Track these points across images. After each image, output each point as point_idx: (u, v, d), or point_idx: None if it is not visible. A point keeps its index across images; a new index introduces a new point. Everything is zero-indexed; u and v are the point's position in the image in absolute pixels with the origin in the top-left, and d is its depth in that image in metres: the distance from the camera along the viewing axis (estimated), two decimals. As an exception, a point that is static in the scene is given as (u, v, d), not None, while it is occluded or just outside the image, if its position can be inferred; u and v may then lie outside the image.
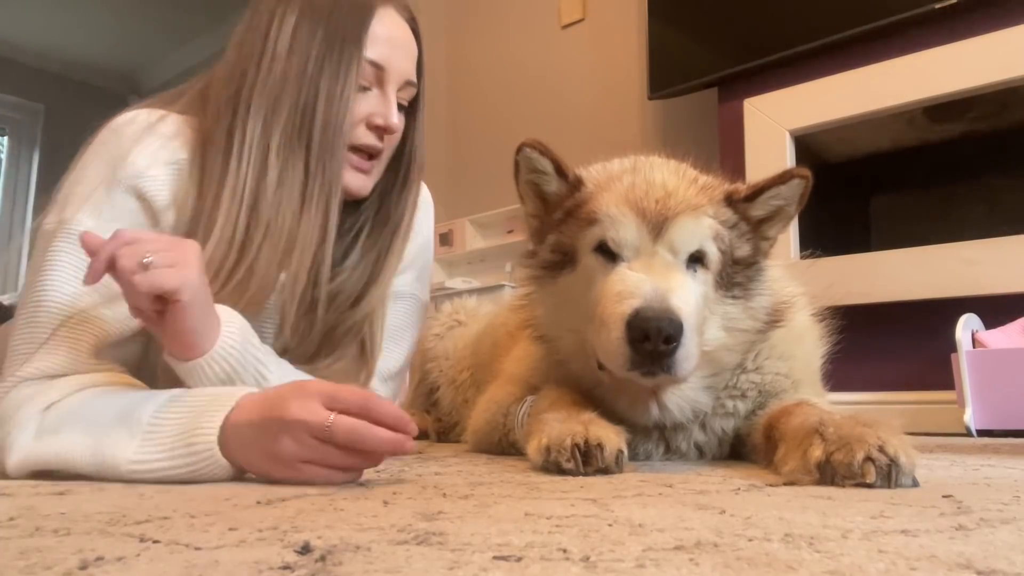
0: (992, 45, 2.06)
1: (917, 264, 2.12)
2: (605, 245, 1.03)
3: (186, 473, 0.85)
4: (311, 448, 0.81)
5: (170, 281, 0.87)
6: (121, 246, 0.88)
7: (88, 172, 1.10)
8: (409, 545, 0.48)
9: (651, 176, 1.07)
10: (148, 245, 0.89)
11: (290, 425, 0.80)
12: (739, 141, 2.51)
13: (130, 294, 0.89)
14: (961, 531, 0.54)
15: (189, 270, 0.90)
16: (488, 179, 3.70)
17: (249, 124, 1.13)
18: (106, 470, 0.87)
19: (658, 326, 0.90)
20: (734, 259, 1.07)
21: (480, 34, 3.84)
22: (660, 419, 1.09)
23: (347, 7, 1.18)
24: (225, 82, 1.17)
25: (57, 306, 1.01)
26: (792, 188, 1.09)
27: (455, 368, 1.85)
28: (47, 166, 6.27)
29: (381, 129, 1.21)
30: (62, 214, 1.06)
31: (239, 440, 0.84)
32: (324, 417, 0.80)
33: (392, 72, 1.21)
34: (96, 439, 0.88)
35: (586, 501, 0.68)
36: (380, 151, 1.23)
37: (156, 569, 0.41)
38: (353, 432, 0.80)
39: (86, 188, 1.08)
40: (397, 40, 1.22)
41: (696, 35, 2.73)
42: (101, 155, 1.11)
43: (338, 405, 0.81)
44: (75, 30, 5.95)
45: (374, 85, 1.21)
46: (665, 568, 0.42)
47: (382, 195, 1.32)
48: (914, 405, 2.19)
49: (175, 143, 1.14)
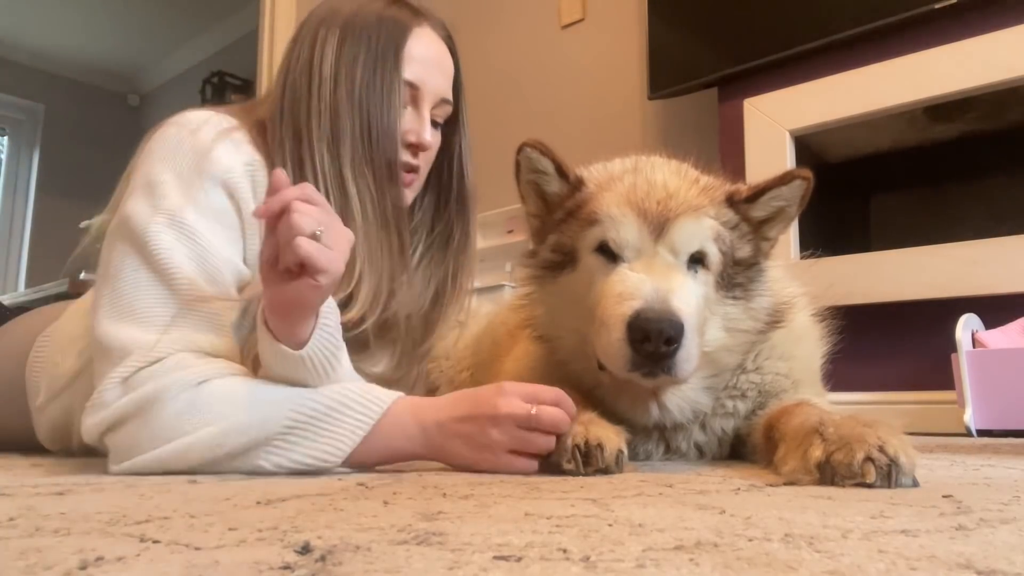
0: (992, 45, 2.06)
1: (917, 264, 2.12)
2: (606, 245, 1.03)
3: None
4: (517, 438, 0.94)
5: (325, 261, 0.86)
6: (303, 200, 0.87)
7: (174, 162, 1.07)
8: (409, 545, 0.48)
9: (652, 176, 1.07)
10: (323, 216, 0.88)
11: (500, 419, 0.94)
12: (739, 141, 2.50)
13: (285, 248, 0.86)
14: (961, 531, 0.54)
15: (340, 260, 0.90)
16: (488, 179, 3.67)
17: (316, 152, 1.14)
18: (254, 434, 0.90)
19: (659, 327, 0.90)
20: (735, 260, 1.07)
21: (480, 34, 3.84)
22: (660, 419, 1.09)
23: (385, 27, 1.20)
24: (279, 108, 1.18)
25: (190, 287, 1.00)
26: (793, 189, 1.09)
27: (455, 368, 1.85)
28: (47, 166, 6.28)
29: (415, 146, 1.23)
30: (156, 200, 1.03)
31: (446, 433, 0.96)
32: (527, 409, 0.93)
33: (426, 91, 1.23)
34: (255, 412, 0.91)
35: (586, 501, 0.68)
36: (417, 168, 1.25)
37: (156, 569, 0.41)
38: (554, 419, 0.94)
39: (178, 177, 1.06)
40: (432, 59, 1.24)
41: (696, 35, 2.73)
42: (183, 147, 1.09)
43: (536, 400, 0.95)
44: (75, 30, 5.95)
45: (409, 104, 1.22)
46: (665, 568, 0.42)
47: (436, 217, 1.34)
48: (914, 405, 2.19)
49: (249, 147, 1.14)
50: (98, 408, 0.94)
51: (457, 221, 1.35)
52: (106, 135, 6.08)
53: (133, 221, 1.03)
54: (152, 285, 1.00)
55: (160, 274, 1.00)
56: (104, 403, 0.93)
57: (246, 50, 4.82)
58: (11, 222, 6.23)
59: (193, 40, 6.11)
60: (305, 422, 0.92)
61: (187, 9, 5.67)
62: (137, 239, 1.01)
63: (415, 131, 1.22)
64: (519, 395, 0.95)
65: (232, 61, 5.73)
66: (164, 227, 1.02)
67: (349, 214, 1.12)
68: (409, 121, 1.22)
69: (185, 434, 0.90)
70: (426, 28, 1.25)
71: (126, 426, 0.92)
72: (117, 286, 1.01)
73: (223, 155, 1.09)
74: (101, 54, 6.34)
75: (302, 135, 1.15)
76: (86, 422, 0.95)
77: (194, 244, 1.02)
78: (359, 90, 1.16)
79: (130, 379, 0.94)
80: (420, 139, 1.22)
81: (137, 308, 0.99)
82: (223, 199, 1.08)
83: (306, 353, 0.93)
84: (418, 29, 1.23)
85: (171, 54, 6.35)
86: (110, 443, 0.94)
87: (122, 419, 0.92)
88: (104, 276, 1.04)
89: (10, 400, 1.31)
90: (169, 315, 0.98)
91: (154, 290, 0.99)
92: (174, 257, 1.00)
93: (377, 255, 1.16)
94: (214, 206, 1.07)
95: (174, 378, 0.92)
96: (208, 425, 0.90)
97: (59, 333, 1.27)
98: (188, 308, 0.99)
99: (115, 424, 0.93)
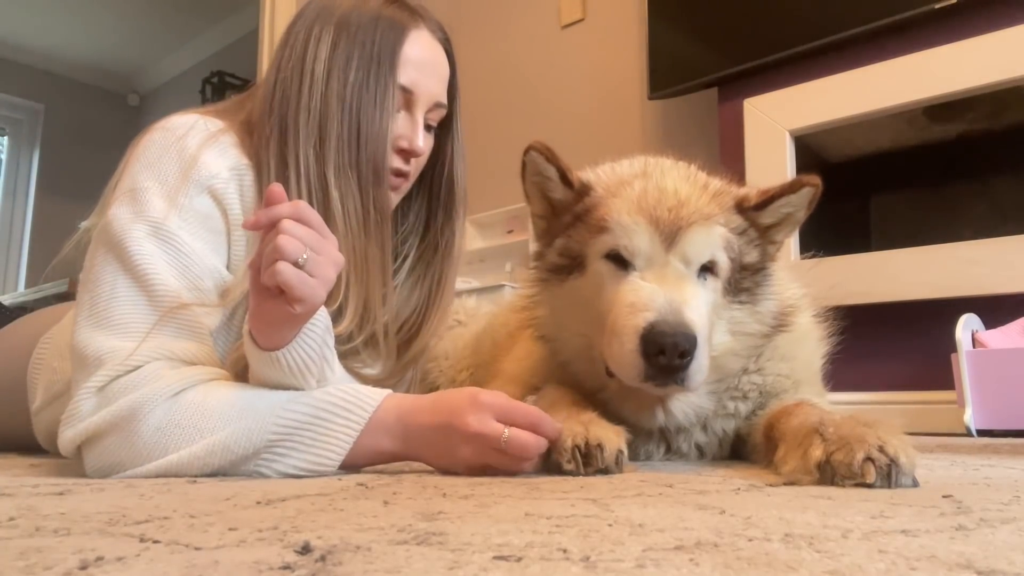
0: (992, 45, 2.06)
1: (917, 264, 2.12)
2: (617, 253, 1.02)
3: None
4: (486, 456, 0.91)
5: (303, 292, 0.85)
6: (295, 218, 0.85)
7: (157, 169, 1.06)
8: (409, 545, 0.48)
9: (663, 182, 1.06)
10: (312, 239, 0.86)
11: (471, 438, 0.90)
12: (739, 141, 2.50)
13: (266, 268, 0.85)
14: (961, 531, 0.54)
15: (322, 290, 0.88)
16: (488, 179, 3.69)
17: (301, 150, 1.12)
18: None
19: (674, 341, 0.90)
20: (742, 265, 1.07)
21: (480, 34, 3.84)
22: (665, 424, 1.10)
23: (381, 28, 1.17)
24: (267, 105, 1.16)
25: (168, 294, 0.98)
26: (802, 196, 1.08)
27: (455, 368, 1.85)
28: (47, 166, 6.28)
29: (407, 152, 1.21)
30: (138, 207, 1.02)
31: (422, 440, 0.94)
32: (499, 431, 0.89)
33: (421, 96, 1.21)
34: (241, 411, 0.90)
35: (586, 501, 0.68)
36: (407, 174, 1.23)
37: (156, 569, 0.41)
38: (524, 447, 0.90)
39: (161, 184, 1.05)
40: (428, 63, 1.22)
41: (696, 35, 2.73)
42: (168, 153, 1.08)
43: (509, 419, 0.90)
44: (75, 30, 5.95)
45: (402, 108, 1.20)
46: (665, 568, 0.42)
47: (427, 222, 1.32)
48: (914, 405, 2.19)
49: (235, 151, 1.13)
50: (74, 421, 0.92)
51: (446, 226, 1.33)
52: (106, 135, 6.08)
53: (114, 228, 1.01)
54: (131, 293, 0.98)
55: (139, 282, 0.98)
56: (80, 415, 0.91)
57: (246, 50, 4.83)
58: (11, 222, 6.23)
59: (193, 40, 6.11)
60: (291, 432, 0.90)
61: (187, 9, 5.67)
62: (117, 246, 1.00)
63: (407, 137, 1.20)
64: (493, 412, 0.91)
65: (232, 61, 5.73)
66: (145, 235, 1.00)
67: (331, 218, 1.11)
68: (402, 126, 1.20)
69: (168, 452, 0.88)
70: (423, 30, 1.22)
71: (104, 442, 0.90)
72: (96, 293, 0.99)
73: (208, 161, 1.08)
74: (101, 54, 6.34)
75: (288, 134, 1.13)
76: (63, 434, 0.92)
77: (175, 252, 1.01)
78: (351, 92, 1.14)
79: (105, 388, 0.92)
80: (412, 145, 1.20)
81: (114, 316, 0.97)
82: (209, 204, 1.07)
83: (281, 355, 0.91)
84: (415, 31, 1.20)
85: (171, 54, 6.35)
86: (88, 457, 0.92)
87: (98, 434, 0.90)
88: (85, 283, 1.03)
89: (12, 401, 1.31)
90: (147, 324, 0.96)
91: (132, 298, 0.98)
92: (154, 265, 0.99)
93: (362, 264, 1.14)
94: (200, 211, 1.06)
95: (149, 390, 0.90)
96: (192, 443, 0.89)
97: (58, 337, 1.26)
98: (167, 316, 0.97)
99: (92, 438, 0.91)
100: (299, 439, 0.91)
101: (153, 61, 6.50)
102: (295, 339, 0.92)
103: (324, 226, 0.90)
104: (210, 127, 1.13)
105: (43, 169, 6.29)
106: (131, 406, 0.89)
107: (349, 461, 0.93)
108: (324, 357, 0.97)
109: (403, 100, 1.20)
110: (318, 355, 0.95)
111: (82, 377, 0.93)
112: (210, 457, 0.89)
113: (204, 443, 0.89)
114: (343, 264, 0.92)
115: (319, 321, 0.95)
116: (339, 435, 0.91)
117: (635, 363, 0.93)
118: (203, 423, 0.90)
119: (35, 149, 6.33)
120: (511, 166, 1.16)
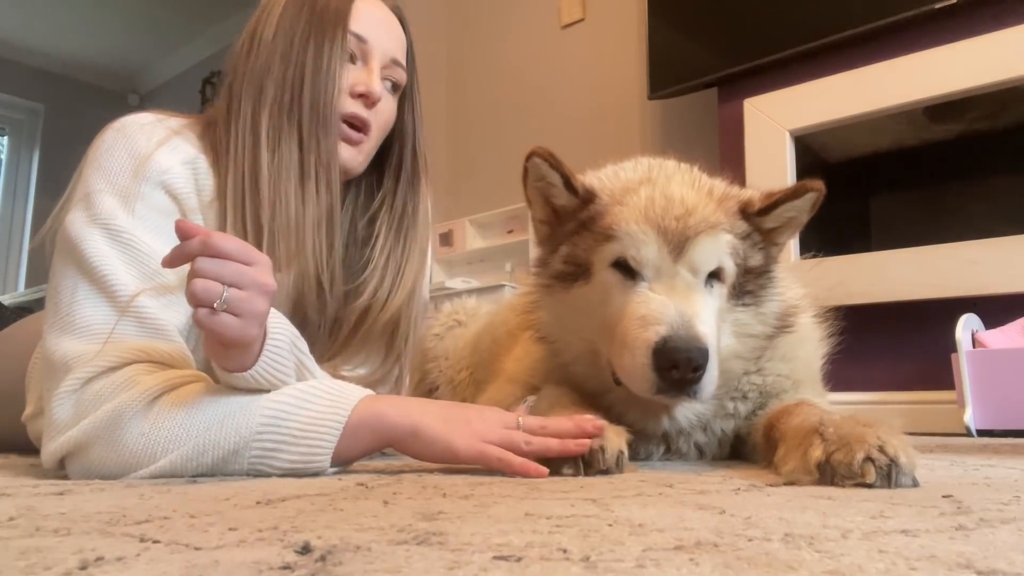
0: (992, 45, 2.06)
1: (917, 264, 2.12)
2: (624, 262, 1.02)
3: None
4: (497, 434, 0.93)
5: (229, 335, 0.82)
6: (206, 255, 0.81)
7: (108, 170, 1.06)
8: (409, 545, 0.48)
9: (668, 190, 1.05)
10: (230, 274, 0.82)
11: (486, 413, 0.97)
12: (739, 141, 2.51)
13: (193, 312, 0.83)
14: (961, 531, 0.54)
15: (252, 328, 0.84)
16: (488, 179, 3.70)
17: (242, 111, 1.14)
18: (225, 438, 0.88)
19: (688, 356, 0.90)
20: (747, 268, 1.07)
21: (480, 34, 3.84)
22: (669, 429, 1.10)
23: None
24: (224, 87, 1.19)
25: (128, 294, 0.97)
26: (806, 201, 1.08)
27: (454, 368, 1.85)
28: (47, 166, 6.28)
29: (364, 97, 1.21)
30: (92, 210, 1.02)
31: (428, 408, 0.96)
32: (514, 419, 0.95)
33: (375, 46, 1.22)
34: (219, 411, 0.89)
35: (586, 501, 0.68)
36: (367, 123, 1.23)
37: (156, 569, 0.41)
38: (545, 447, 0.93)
39: (112, 185, 1.05)
40: (381, 20, 1.25)
41: (696, 35, 2.73)
42: (119, 154, 1.08)
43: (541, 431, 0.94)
44: (75, 30, 5.95)
45: (358, 58, 1.22)
46: (665, 568, 0.42)
47: (395, 193, 1.32)
48: (914, 405, 2.19)
49: (187, 145, 1.14)
50: (54, 432, 0.90)
51: (410, 198, 1.33)
52: (106, 135, 6.07)
53: (70, 233, 1.01)
54: (90, 296, 0.97)
55: (97, 284, 0.97)
56: (58, 425, 0.90)
57: (246, 50, 4.82)
58: (11, 222, 6.23)
59: (193, 40, 6.11)
60: (279, 419, 0.89)
61: (187, 9, 5.67)
62: (74, 251, 1.00)
63: (363, 82, 1.21)
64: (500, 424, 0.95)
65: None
66: (99, 236, 1.00)
67: (258, 166, 1.11)
68: (356, 75, 1.21)
69: (157, 457, 0.88)
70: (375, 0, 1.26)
71: (89, 454, 0.89)
72: (58, 300, 0.99)
73: (160, 157, 1.08)
74: (101, 54, 6.34)
75: (231, 100, 1.15)
76: (46, 447, 0.91)
77: (131, 250, 1.00)
78: (297, 43, 1.16)
79: (79, 392, 0.90)
80: (369, 89, 1.20)
81: (77, 321, 0.96)
82: (164, 199, 1.07)
83: (249, 376, 0.89)
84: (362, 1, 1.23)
85: (171, 54, 6.35)
86: (73, 469, 0.91)
87: (81, 446, 0.89)
88: (49, 290, 1.02)
89: (12, 403, 1.31)
90: (109, 325, 0.95)
91: (93, 301, 0.97)
92: (111, 266, 0.98)
93: (294, 229, 1.12)
94: (157, 206, 1.06)
95: (127, 397, 0.89)
96: (181, 444, 0.87)
97: None
98: (129, 316, 0.96)
99: (76, 451, 0.90)
100: (290, 425, 0.89)
101: (153, 61, 6.50)
102: (259, 359, 0.89)
103: (246, 249, 0.85)
104: (165, 124, 1.13)
105: (43, 169, 6.29)
106: (111, 415, 0.88)
107: (347, 443, 0.91)
108: (301, 364, 0.96)
109: (359, 50, 1.21)
110: (288, 367, 0.93)
111: (53, 385, 0.92)
112: (201, 456, 0.88)
113: (193, 443, 0.88)
114: (275, 289, 0.87)
115: (281, 333, 0.92)
116: (331, 414, 0.91)
117: (647, 377, 0.92)
118: (188, 422, 0.88)
119: (35, 149, 6.34)
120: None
